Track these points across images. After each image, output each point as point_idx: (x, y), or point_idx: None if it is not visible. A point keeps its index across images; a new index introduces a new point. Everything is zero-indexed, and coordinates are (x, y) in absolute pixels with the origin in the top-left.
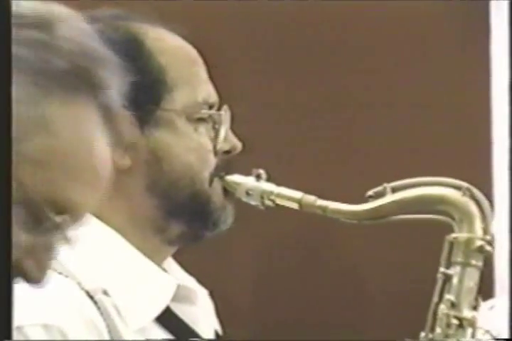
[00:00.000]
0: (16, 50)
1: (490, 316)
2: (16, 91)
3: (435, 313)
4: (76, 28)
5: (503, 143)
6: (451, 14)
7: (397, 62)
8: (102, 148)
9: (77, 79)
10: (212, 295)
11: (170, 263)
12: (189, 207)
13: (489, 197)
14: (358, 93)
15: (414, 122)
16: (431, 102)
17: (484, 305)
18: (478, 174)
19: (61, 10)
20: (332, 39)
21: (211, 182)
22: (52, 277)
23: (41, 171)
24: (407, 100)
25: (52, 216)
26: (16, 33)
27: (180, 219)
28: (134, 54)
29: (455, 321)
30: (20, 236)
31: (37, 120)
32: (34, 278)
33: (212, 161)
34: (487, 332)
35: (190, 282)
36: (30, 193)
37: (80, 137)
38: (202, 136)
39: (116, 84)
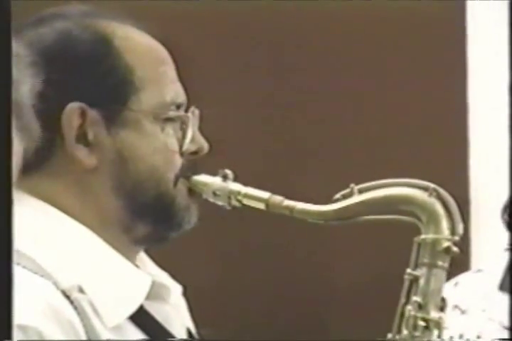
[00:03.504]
0: None
1: (455, 292)
2: None
3: (402, 314)
4: None
5: (479, 143)
6: (427, 14)
7: (371, 63)
8: (14, 149)
9: None
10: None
11: (143, 258)
12: (154, 208)
13: (465, 197)
14: (328, 93)
15: (389, 123)
16: (407, 103)
17: (449, 283)
18: (454, 175)
19: None
20: (301, 38)
21: (176, 183)
22: (28, 277)
23: None
24: (381, 101)
25: None
26: None
27: (145, 219)
28: (102, 53)
29: (422, 323)
30: None
31: None
32: None
33: (178, 162)
34: (455, 307)
35: (163, 278)
36: None
37: None
38: (169, 136)
39: (25, 76)
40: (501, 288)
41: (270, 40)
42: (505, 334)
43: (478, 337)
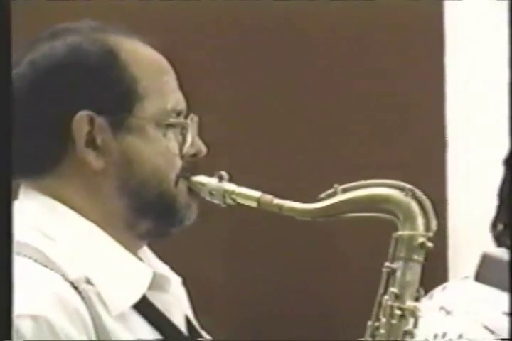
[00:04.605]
0: None
1: (443, 295)
2: None
3: (380, 304)
4: None
5: (457, 144)
6: (405, 14)
7: (347, 64)
8: None
9: None
10: (184, 282)
11: (146, 252)
12: (156, 206)
13: (443, 196)
14: (309, 95)
15: (369, 126)
16: (386, 104)
17: (438, 287)
18: (432, 175)
19: None
20: (291, 47)
21: (177, 183)
22: (38, 270)
23: None
24: (359, 102)
25: None
26: None
27: (148, 216)
28: (109, 65)
29: (398, 312)
30: None
31: None
32: None
33: (179, 164)
34: (442, 308)
35: (164, 270)
36: None
37: None
38: (170, 140)
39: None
40: (476, 279)
41: (267, 49)
42: (486, 335)
43: (460, 336)
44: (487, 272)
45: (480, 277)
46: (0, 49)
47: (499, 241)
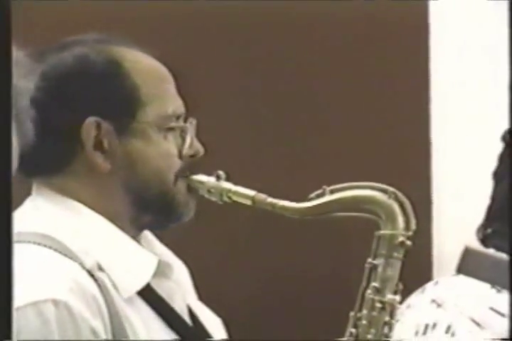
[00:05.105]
0: None
1: (434, 289)
2: None
3: (363, 296)
4: None
5: (441, 146)
6: (390, 15)
7: (331, 66)
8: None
9: None
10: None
11: (149, 238)
12: (157, 203)
13: (428, 197)
14: (297, 101)
15: (356, 129)
16: (370, 107)
17: (431, 282)
18: (417, 177)
19: None
20: (280, 51)
21: (176, 182)
22: (58, 259)
23: None
24: (346, 106)
25: None
26: None
27: (149, 212)
28: (113, 74)
29: (379, 304)
30: None
31: None
32: None
33: (178, 164)
34: (433, 301)
35: (168, 255)
36: None
37: None
38: (170, 143)
39: (25, 86)
40: (459, 270)
41: (261, 54)
42: (472, 327)
43: (449, 327)
44: (468, 264)
45: (462, 269)
46: (0, 49)
47: (485, 243)
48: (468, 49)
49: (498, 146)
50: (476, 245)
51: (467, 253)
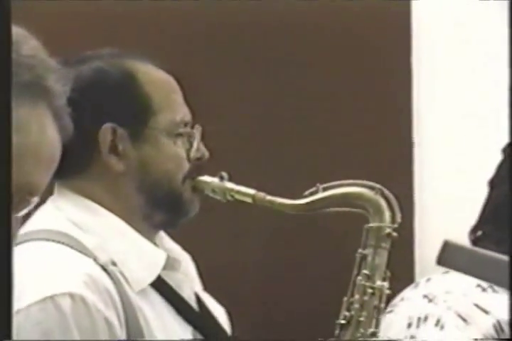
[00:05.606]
0: None
1: (426, 285)
2: None
3: (354, 283)
4: (33, 46)
5: (423, 146)
6: (372, 14)
7: (315, 65)
8: (56, 141)
9: (36, 87)
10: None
11: (163, 238)
12: (166, 201)
13: (410, 194)
14: (283, 102)
15: (341, 130)
16: (353, 106)
17: (423, 279)
18: (400, 175)
19: (21, 33)
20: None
21: (184, 182)
22: (74, 255)
23: (14, 163)
24: (329, 105)
25: (28, 198)
26: None
27: (160, 209)
28: (127, 85)
29: (369, 290)
30: None
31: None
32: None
33: (186, 166)
34: (425, 296)
35: (176, 250)
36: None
37: (41, 134)
38: (179, 147)
39: (61, 89)
40: (438, 262)
41: (263, 63)
42: (458, 321)
43: (438, 321)
44: (447, 256)
45: (441, 261)
46: (0, 49)
47: (476, 244)
48: (451, 48)
49: (480, 144)
50: (454, 239)
51: (446, 247)
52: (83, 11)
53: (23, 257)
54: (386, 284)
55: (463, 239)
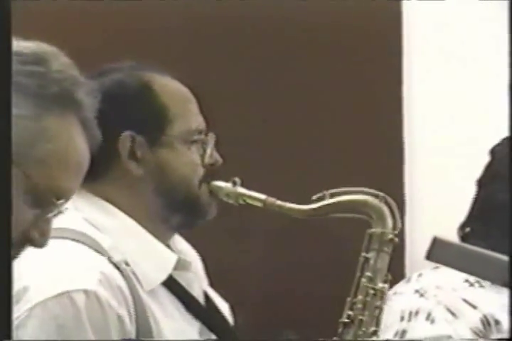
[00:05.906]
0: (20, 80)
1: (418, 280)
2: (21, 110)
3: (358, 284)
4: (63, 62)
5: (414, 150)
6: (363, 14)
7: (306, 67)
8: (83, 149)
9: (65, 99)
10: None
11: (176, 239)
12: (184, 204)
13: (401, 196)
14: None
15: (336, 134)
16: (343, 107)
17: (415, 274)
18: (392, 179)
19: (50, 49)
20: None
21: (200, 186)
22: (89, 253)
23: (43, 168)
24: (320, 107)
25: (55, 201)
26: (19, 67)
27: (178, 212)
28: (145, 95)
29: (372, 291)
30: (27, 214)
31: (38, 131)
32: (39, 244)
33: (201, 172)
34: (417, 291)
35: (187, 250)
36: (37, 185)
37: (69, 142)
38: (194, 153)
39: (89, 101)
40: (427, 258)
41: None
42: (447, 315)
43: (429, 314)
44: (436, 252)
45: (430, 256)
46: (0, 49)
47: (464, 240)
48: (441, 48)
49: (469, 145)
50: (442, 235)
51: (435, 242)
52: (84, 11)
53: (41, 253)
54: (387, 286)
55: (452, 236)
